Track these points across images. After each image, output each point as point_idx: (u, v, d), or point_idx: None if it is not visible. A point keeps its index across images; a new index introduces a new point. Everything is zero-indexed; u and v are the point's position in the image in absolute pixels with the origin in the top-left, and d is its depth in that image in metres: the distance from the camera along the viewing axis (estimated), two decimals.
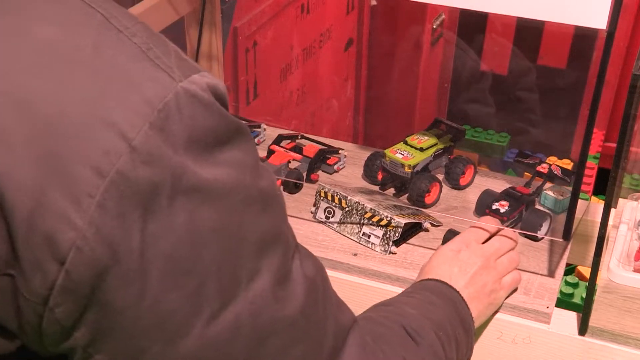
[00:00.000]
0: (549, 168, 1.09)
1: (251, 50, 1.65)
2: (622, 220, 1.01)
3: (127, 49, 0.49)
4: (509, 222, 0.99)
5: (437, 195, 1.08)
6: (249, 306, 0.52)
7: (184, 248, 0.49)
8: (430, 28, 2.20)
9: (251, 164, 0.53)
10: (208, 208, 0.49)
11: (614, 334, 0.86)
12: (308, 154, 1.14)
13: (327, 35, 1.99)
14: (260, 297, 0.53)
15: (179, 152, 0.48)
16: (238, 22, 1.58)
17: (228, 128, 0.51)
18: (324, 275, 0.62)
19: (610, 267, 0.93)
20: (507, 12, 0.83)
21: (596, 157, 1.91)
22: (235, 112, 1.59)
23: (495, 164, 2.04)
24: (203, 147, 0.49)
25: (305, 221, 1.04)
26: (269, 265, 0.53)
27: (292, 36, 1.83)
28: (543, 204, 1.06)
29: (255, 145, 0.56)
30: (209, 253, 0.50)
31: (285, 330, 0.55)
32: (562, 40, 2.11)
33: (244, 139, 0.53)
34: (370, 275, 0.95)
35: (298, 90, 1.92)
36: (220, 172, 0.50)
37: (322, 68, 2.02)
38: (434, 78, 2.32)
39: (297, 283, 0.56)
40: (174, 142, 0.48)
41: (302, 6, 1.84)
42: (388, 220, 0.97)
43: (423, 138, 1.11)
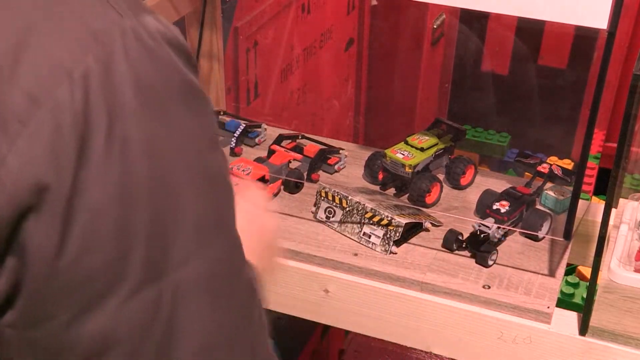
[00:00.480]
0: (550, 168, 1.09)
1: (252, 50, 1.65)
2: (622, 220, 1.01)
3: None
4: (509, 222, 0.99)
5: (438, 195, 1.08)
6: (173, 289, 0.46)
7: (113, 205, 0.44)
8: (431, 28, 2.20)
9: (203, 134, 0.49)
10: (144, 165, 0.45)
11: (615, 334, 0.86)
12: (309, 153, 1.14)
13: (328, 35, 1.99)
14: (189, 283, 0.47)
15: (122, 93, 0.44)
16: (239, 22, 1.58)
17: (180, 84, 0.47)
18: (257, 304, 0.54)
19: (611, 267, 0.93)
20: (508, 12, 0.83)
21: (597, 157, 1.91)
22: (236, 112, 1.59)
23: (495, 164, 2.04)
24: (150, 99, 0.45)
25: (306, 221, 1.04)
26: (206, 253, 0.48)
27: (293, 36, 1.83)
28: (544, 204, 1.06)
29: (214, 115, 0.51)
30: (139, 217, 0.45)
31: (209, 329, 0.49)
32: (563, 40, 2.11)
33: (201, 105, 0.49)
34: (370, 275, 0.95)
35: (299, 90, 1.92)
36: (165, 133, 0.46)
37: (323, 68, 2.02)
38: (435, 78, 2.32)
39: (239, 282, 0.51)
40: (117, 81, 0.44)
41: (303, 6, 1.84)
42: (389, 220, 0.97)
43: (424, 138, 1.11)
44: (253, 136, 1.22)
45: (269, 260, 0.73)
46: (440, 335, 0.93)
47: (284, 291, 0.97)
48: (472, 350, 0.92)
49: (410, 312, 0.93)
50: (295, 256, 0.97)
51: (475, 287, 0.92)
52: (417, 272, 0.94)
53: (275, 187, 1.08)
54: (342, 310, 0.97)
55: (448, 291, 0.92)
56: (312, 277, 0.96)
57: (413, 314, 0.93)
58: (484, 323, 0.90)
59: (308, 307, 0.98)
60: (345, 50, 2.11)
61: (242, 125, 1.21)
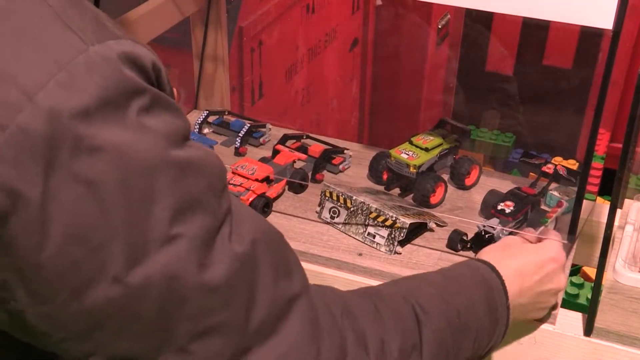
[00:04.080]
0: (555, 168, 1.08)
1: (256, 50, 1.66)
2: (627, 221, 1.00)
3: (39, 9, 0.50)
4: (514, 222, 0.99)
5: (442, 195, 1.08)
6: (162, 270, 0.53)
7: (86, 203, 0.50)
8: (436, 28, 2.20)
9: (168, 133, 0.53)
10: (112, 168, 0.50)
11: (620, 334, 0.86)
12: (313, 153, 1.14)
13: (333, 35, 1.99)
14: (176, 261, 0.53)
15: (85, 112, 0.49)
16: (243, 22, 1.58)
17: (141, 94, 0.52)
18: (272, 244, 0.62)
19: (616, 268, 0.93)
20: (513, 12, 0.83)
21: (602, 158, 1.91)
22: (240, 111, 1.59)
23: (500, 164, 2.04)
24: (112, 109, 0.50)
25: (310, 221, 1.04)
26: (187, 231, 0.54)
27: (298, 36, 1.83)
28: (548, 205, 1.05)
29: (184, 121, 0.56)
30: (114, 212, 0.51)
31: (203, 296, 0.55)
32: (568, 40, 2.10)
33: (165, 111, 0.54)
34: (375, 275, 0.95)
35: (303, 90, 1.92)
36: (129, 135, 0.51)
37: (328, 68, 2.02)
38: (440, 78, 2.32)
39: (220, 253, 0.56)
40: (80, 102, 0.49)
41: (308, 6, 1.84)
42: (393, 220, 0.97)
43: (428, 138, 1.11)
44: (257, 136, 1.22)
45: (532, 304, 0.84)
46: None
47: None
48: None
49: None
50: (300, 256, 0.96)
51: None
52: (421, 272, 0.94)
53: (279, 187, 1.08)
54: None
55: None
56: (317, 277, 0.96)
57: None
58: None
59: None
60: (349, 50, 2.11)
61: (247, 125, 1.21)
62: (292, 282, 0.61)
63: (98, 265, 0.51)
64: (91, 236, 0.51)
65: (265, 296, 0.59)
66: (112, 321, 0.53)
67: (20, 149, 0.48)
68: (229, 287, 0.56)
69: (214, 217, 0.56)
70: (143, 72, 0.53)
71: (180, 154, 0.54)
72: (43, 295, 0.52)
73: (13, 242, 0.50)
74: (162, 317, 0.54)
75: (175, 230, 0.53)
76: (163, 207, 0.53)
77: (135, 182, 0.51)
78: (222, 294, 0.56)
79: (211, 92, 1.34)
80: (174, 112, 0.55)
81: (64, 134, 0.49)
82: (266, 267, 0.59)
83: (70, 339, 0.54)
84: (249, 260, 0.58)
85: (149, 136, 0.52)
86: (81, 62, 0.49)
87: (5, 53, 0.49)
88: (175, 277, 0.53)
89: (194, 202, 0.55)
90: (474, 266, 0.81)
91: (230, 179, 1.04)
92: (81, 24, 0.51)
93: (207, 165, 0.57)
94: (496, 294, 0.78)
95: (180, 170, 0.54)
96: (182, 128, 0.55)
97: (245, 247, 0.58)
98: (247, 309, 0.57)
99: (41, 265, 0.51)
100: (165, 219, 0.53)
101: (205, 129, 1.25)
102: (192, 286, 0.54)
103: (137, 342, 0.55)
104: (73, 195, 0.50)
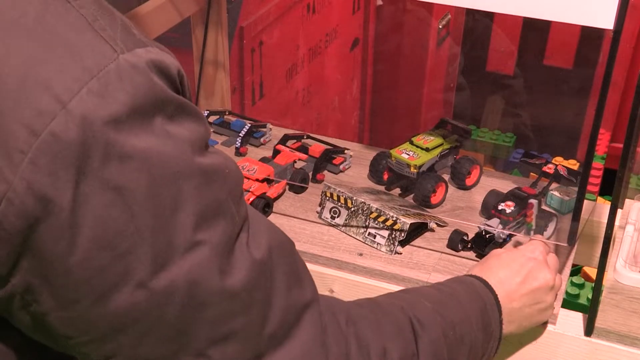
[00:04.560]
0: (555, 168, 1.08)
1: (257, 50, 1.66)
2: (628, 221, 1.00)
3: (72, 18, 0.51)
4: (514, 222, 0.99)
5: (443, 195, 1.08)
6: (185, 275, 0.54)
7: (115, 210, 0.51)
8: (437, 28, 2.20)
9: (192, 140, 0.54)
10: (141, 175, 0.51)
11: (620, 335, 0.86)
12: (314, 154, 1.14)
13: (333, 35, 1.99)
14: (199, 267, 0.54)
15: (116, 120, 0.50)
16: (244, 22, 1.58)
17: (168, 103, 0.53)
18: (285, 252, 0.63)
19: (617, 268, 0.93)
20: (514, 12, 0.83)
21: (603, 158, 1.91)
22: (241, 111, 1.59)
23: (501, 164, 2.04)
24: (141, 117, 0.51)
25: (311, 221, 1.04)
26: (210, 238, 0.55)
27: (298, 36, 1.83)
28: (549, 205, 1.05)
29: (206, 128, 0.57)
30: (142, 218, 0.52)
31: (224, 302, 0.56)
32: (569, 40, 2.10)
33: (189, 118, 0.55)
34: (375, 275, 0.95)
35: (304, 90, 1.92)
36: (157, 143, 0.52)
37: (328, 68, 2.02)
38: (440, 78, 2.32)
39: (240, 259, 0.57)
40: (112, 110, 0.50)
41: (308, 6, 1.84)
42: (394, 220, 0.97)
43: (429, 138, 1.11)
44: (258, 136, 1.22)
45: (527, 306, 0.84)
46: None
47: None
48: None
49: None
50: (300, 256, 0.97)
51: None
52: (422, 272, 0.94)
53: (280, 187, 1.08)
54: None
55: None
56: (317, 277, 0.96)
57: None
58: None
59: None
60: (350, 50, 2.11)
61: (248, 125, 1.21)
62: (304, 290, 0.63)
63: (124, 271, 0.52)
64: (119, 242, 0.52)
65: (280, 303, 0.60)
66: (134, 325, 0.54)
67: (53, 156, 0.49)
68: (248, 292, 0.57)
69: (233, 224, 0.57)
70: (169, 79, 0.54)
71: (203, 161, 0.55)
72: (68, 299, 0.53)
73: (42, 247, 0.50)
74: (183, 321, 0.55)
75: (199, 237, 0.54)
76: (188, 213, 0.54)
77: (162, 188, 0.52)
78: (241, 299, 0.57)
79: (212, 92, 1.34)
80: (197, 119, 0.56)
81: (95, 141, 0.49)
82: (281, 274, 0.60)
83: (91, 342, 0.55)
84: (266, 266, 0.59)
85: (174, 143, 0.53)
86: (112, 70, 0.50)
87: (39, 60, 0.50)
88: (198, 282, 0.54)
89: (217, 208, 0.56)
90: (467, 281, 0.82)
91: None
92: (111, 32, 0.52)
93: (227, 171, 0.58)
94: (489, 308, 0.80)
95: (204, 177, 0.55)
96: (204, 134, 0.57)
97: (262, 253, 0.59)
98: (263, 315, 0.59)
99: (68, 271, 0.51)
100: (190, 225, 0.54)
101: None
102: (213, 292, 0.55)
103: (158, 346, 0.56)
104: (103, 201, 0.51)
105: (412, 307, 0.73)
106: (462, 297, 0.79)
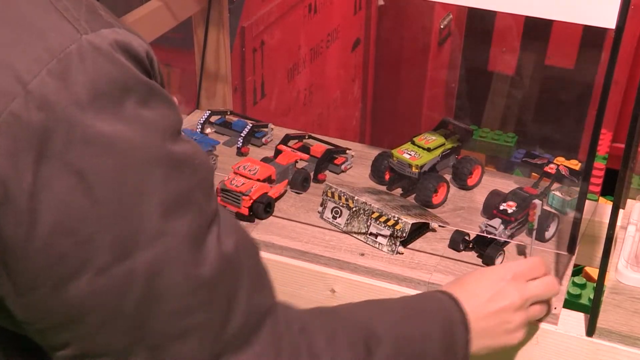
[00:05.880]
0: (557, 168, 1.08)
1: (259, 50, 1.66)
2: (630, 221, 1.00)
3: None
4: (516, 222, 0.99)
5: (445, 195, 1.08)
6: (147, 265, 0.52)
7: (77, 194, 0.49)
8: (438, 28, 2.20)
9: (164, 127, 0.53)
10: (106, 160, 0.50)
11: (622, 335, 0.86)
12: (315, 153, 1.14)
13: (335, 35, 1.99)
14: (162, 258, 0.53)
15: (79, 102, 0.49)
16: (246, 21, 1.58)
17: (137, 85, 0.51)
18: (251, 254, 0.61)
19: (618, 268, 0.93)
20: (515, 11, 0.83)
21: (604, 158, 1.91)
22: (242, 111, 1.59)
23: (502, 165, 2.04)
24: (107, 100, 0.50)
25: (313, 221, 1.04)
26: (176, 228, 0.53)
27: (300, 36, 1.84)
28: (550, 205, 1.05)
29: (178, 115, 0.55)
30: (105, 204, 0.50)
31: (185, 296, 0.54)
32: (571, 40, 2.10)
33: (162, 103, 0.53)
34: (377, 275, 0.95)
35: (305, 90, 1.92)
36: (124, 128, 0.50)
37: (330, 68, 2.02)
38: (442, 78, 2.32)
39: (207, 253, 0.55)
40: (74, 92, 0.49)
41: (310, 6, 1.84)
42: (395, 220, 0.97)
43: (430, 138, 1.11)
44: (260, 136, 1.22)
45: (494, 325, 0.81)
46: None
47: (290, 291, 0.97)
48: None
49: None
50: (302, 256, 0.98)
51: None
52: (423, 272, 0.94)
53: (282, 187, 1.08)
54: None
55: None
56: (319, 277, 0.96)
57: None
58: None
59: None
60: (352, 50, 2.11)
61: (249, 125, 1.21)
62: (266, 296, 0.61)
63: (84, 258, 0.51)
64: (80, 228, 0.50)
65: (243, 305, 0.58)
66: (91, 314, 0.53)
67: (13, 137, 0.48)
68: (212, 287, 0.56)
69: (202, 215, 0.55)
70: (137, 60, 0.52)
71: (174, 149, 0.53)
72: (27, 285, 0.51)
73: (3, 232, 0.49)
74: (141, 313, 0.53)
75: (165, 227, 0.52)
76: (155, 201, 0.52)
77: (127, 174, 0.51)
78: (203, 294, 0.55)
79: (213, 92, 1.34)
80: (169, 105, 0.54)
81: (57, 124, 0.48)
82: (246, 275, 0.59)
83: (48, 329, 0.54)
84: (233, 264, 0.57)
85: (144, 129, 0.52)
86: (74, 50, 0.49)
87: (2, 41, 0.49)
88: (160, 273, 0.53)
89: (185, 198, 0.54)
90: (436, 298, 0.80)
91: (232, 179, 1.04)
92: (76, 13, 0.51)
93: (198, 162, 0.56)
94: (455, 328, 0.77)
95: (174, 166, 0.53)
96: (176, 121, 0.55)
97: (231, 250, 0.57)
98: (225, 314, 0.57)
99: (27, 257, 0.50)
100: (156, 214, 0.52)
101: (207, 129, 1.25)
102: (175, 284, 0.54)
103: (114, 336, 0.54)
104: (64, 186, 0.49)
105: (372, 321, 0.70)
106: (427, 315, 0.76)
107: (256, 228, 1.01)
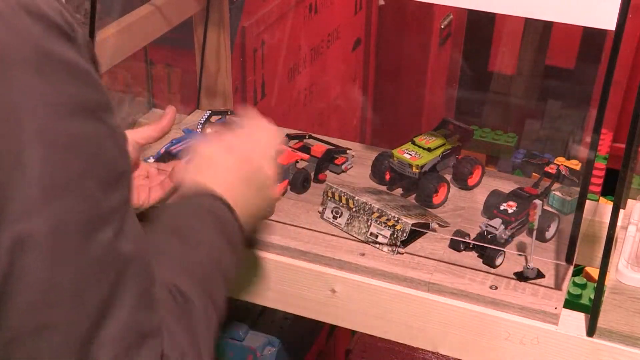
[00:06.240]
0: (557, 169, 1.08)
1: (259, 50, 1.66)
2: (630, 221, 1.00)
3: None
4: (517, 222, 0.99)
5: (445, 195, 1.08)
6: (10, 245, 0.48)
7: None
8: (438, 28, 2.20)
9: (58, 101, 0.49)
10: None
11: (623, 335, 0.86)
12: (316, 153, 1.14)
13: (335, 35, 1.99)
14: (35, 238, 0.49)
15: None
16: (246, 21, 1.59)
17: (30, 53, 0.48)
18: (146, 270, 0.57)
19: (619, 268, 0.93)
20: (515, 12, 0.83)
21: (605, 158, 1.91)
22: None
23: (503, 165, 2.04)
24: None
25: (313, 221, 1.04)
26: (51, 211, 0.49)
27: (300, 36, 1.84)
28: (551, 205, 1.05)
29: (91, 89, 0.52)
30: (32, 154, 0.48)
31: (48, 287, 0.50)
32: (571, 40, 2.11)
33: (60, 74, 0.50)
34: (377, 275, 0.95)
35: (306, 90, 1.92)
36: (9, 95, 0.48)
37: (330, 68, 2.02)
38: (442, 78, 2.32)
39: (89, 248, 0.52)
40: None
41: (310, 6, 1.84)
42: (395, 220, 0.97)
43: (431, 138, 1.11)
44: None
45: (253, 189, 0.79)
46: (447, 336, 0.93)
47: (290, 291, 0.97)
48: (479, 350, 0.92)
49: (417, 313, 0.93)
50: (302, 256, 0.98)
51: (482, 287, 0.92)
52: (424, 272, 0.94)
53: (282, 186, 1.08)
54: (348, 310, 0.96)
55: (455, 292, 0.92)
56: (319, 277, 0.96)
57: (420, 314, 0.93)
58: (491, 324, 0.90)
59: (314, 307, 0.98)
60: (352, 50, 2.11)
61: None
62: (152, 319, 0.56)
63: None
64: None
65: (123, 315, 0.53)
66: None
67: None
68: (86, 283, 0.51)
69: (93, 208, 0.52)
70: (48, 23, 0.49)
71: (66, 127, 0.50)
72: None
73: None
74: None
75: (38, 208, 0.49)
76: (31, 176, 0.48)
77: (7, 144, 0.48)
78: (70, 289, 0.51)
79: (214, 92, 1.34)
80: (74, 77, 0.51)
81: None
82: (134, 287, 0.55)
83: None
84: (120, 268, 0.53)
85: (33, 98, 0.48)
86: None
87: None
88: (23, 255, 0.48)
89: (70, 181, 0.50)
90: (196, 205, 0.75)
91: None
92: None
93: (101, 151, 0.52)
94: (226, 223, 0.74)
95: (62, 144, 0.50)
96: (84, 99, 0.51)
97: (124, 254, 0.54)
98: (96, 319, 0.52)
99: None
100: (31, 191, 0.48)
101: (208, 129, 1.25)
102: (37, 269, 0.49)
103: None
104: None
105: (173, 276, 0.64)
106: (200, 233, 0.71)
107: None
